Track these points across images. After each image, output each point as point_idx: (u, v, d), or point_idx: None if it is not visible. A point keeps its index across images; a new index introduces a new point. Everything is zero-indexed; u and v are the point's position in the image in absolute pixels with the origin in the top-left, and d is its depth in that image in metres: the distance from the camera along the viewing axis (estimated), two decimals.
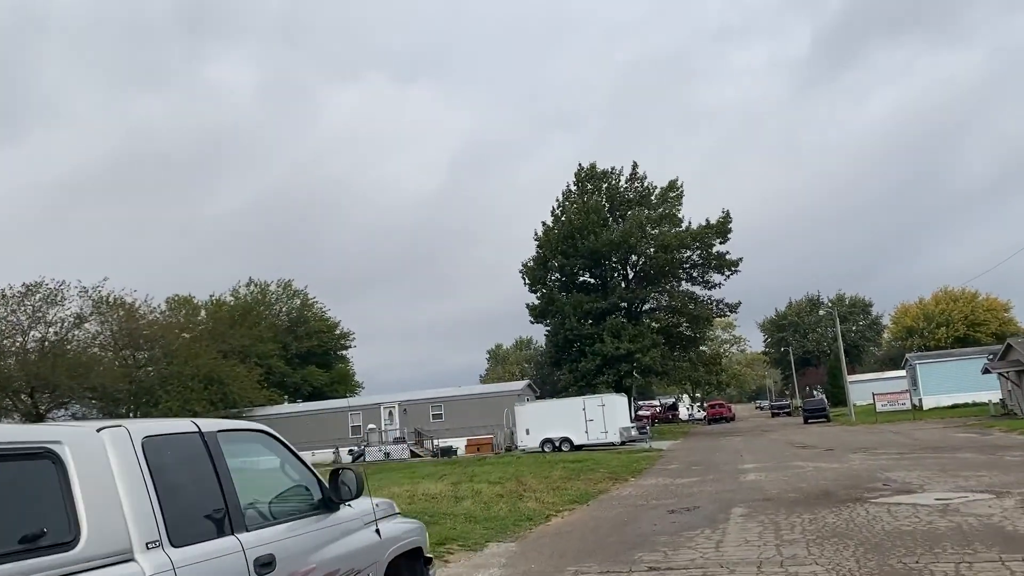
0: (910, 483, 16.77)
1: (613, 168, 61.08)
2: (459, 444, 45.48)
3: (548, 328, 59.45)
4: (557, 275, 59.92)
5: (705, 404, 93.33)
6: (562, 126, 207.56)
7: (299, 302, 65.37)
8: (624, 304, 58.50)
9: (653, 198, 60.49)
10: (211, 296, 60.69)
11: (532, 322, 61.18)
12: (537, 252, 60.04)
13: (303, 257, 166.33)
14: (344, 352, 69.43)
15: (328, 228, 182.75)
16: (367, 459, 45.44)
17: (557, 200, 61.13)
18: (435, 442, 45.42)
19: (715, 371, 60.25)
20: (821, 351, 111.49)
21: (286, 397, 53.40)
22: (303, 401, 57.72)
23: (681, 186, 60.37)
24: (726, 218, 58.43)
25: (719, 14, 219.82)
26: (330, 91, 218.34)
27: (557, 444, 39.95)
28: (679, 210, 59.49)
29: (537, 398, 53.07)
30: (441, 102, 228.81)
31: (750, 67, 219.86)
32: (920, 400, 54.95)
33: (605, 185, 60.91)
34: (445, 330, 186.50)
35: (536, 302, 60.45)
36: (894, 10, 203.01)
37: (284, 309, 64.34)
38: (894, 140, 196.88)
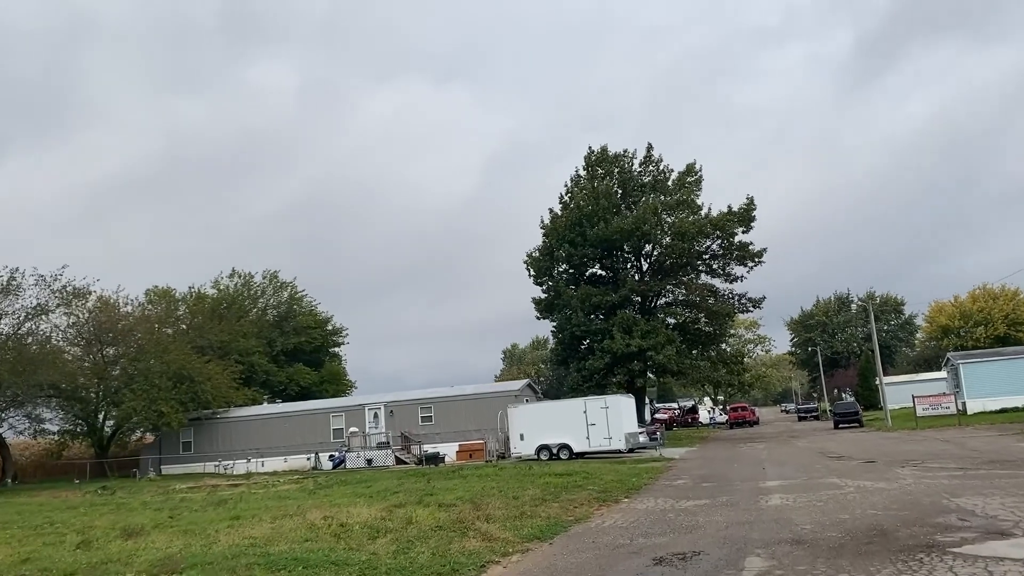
0: (997, 517, 12.09)
1: (626, 151, 56.38)
2: (449, 450, 41.03)
3: (555, 324, 54.85)
4: (564, 266, 55.23)
5: (727, 407, 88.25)
6: (596, 128, 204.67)
7: (287, 295, 61.08)
8: (637, 298, 53.74)
9: (669, 183, 55.65)
10: (191, 288, 56.66)
11: (538, 317, 56.60)
12: (543, 241, 55.40)
13: (331, 258, 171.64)
14: (336, 349, 65.03)
15: (357, 230, 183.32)
16: (347, 465, 41.18)
17: (566, 186, 56.53)
18: (422, 447, 41.00)
19: (737, 371, 55.15)
20: (850, 352, 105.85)
21: (266, 397, 49.23)
22: (291, 402, 53.43)
23: (699, 170, 55.58)
24: (749, 205, 53.49)
25: (760, 16, 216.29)
26: (366, 94, 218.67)
27: (555, 451, 35.37)
28: (698, 196, 54.64)
29: (539, 399, 48.51)
30: (477, 105, 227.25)
31: (788, 68, 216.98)
32: (964, 404, 49.72)
33: (617, 169, 56.16)
34: (472, 332, 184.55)
35: (542, 296, 55.92)
36: (935, 11, 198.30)
37: (271, 303, 59.95)
38: (930, 141, 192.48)
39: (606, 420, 34.80)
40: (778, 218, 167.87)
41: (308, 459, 43.00)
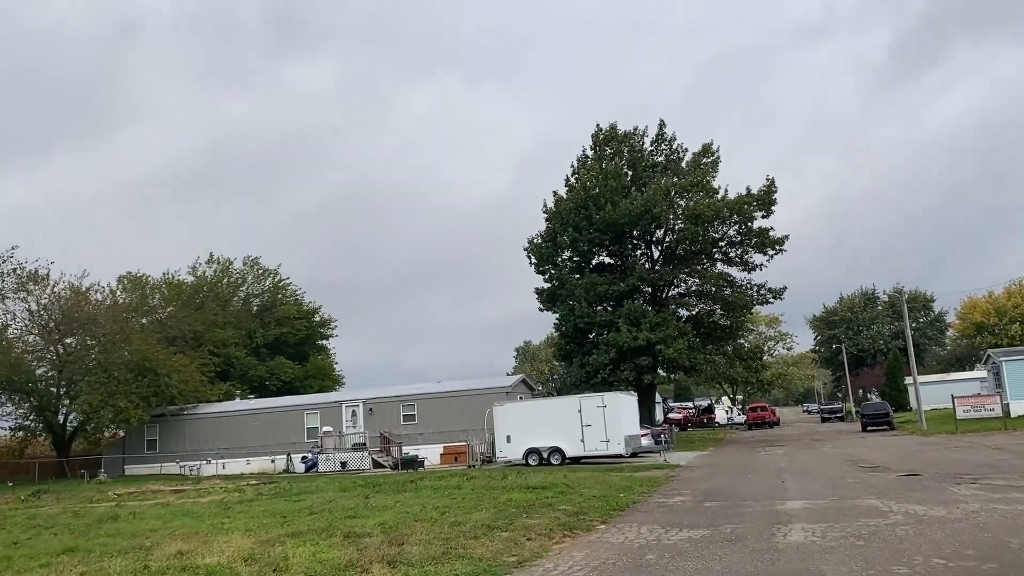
0: None
1: (636, 128, 52.00)
2: (433, 452, 36.96)
3: (557, 316, 50.59)
4: (569, 253, 50.91)
5: (746, 407, 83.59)
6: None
7: (270, 283, 56.94)
8: (647, 288, 49.35)
9: (683, 164, 51.26)
10: (164, 274, 52.56)
11: (541, 309, 52.30)
12: (547, 227, 51.12)
13: (363, 255, 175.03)
14: (324, 343, 60.85)
15: (389, 228, 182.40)
16: (320, 468, 37.19)
17: (572, 167, 52.24)
18: (402, 449, 36.92)
19: (755, 368, 50.54)
20: (876, 350, 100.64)
21: (238, 392, 45.23)
22: (272, 397, 49.38)
23: (717, 151, 51.09)
24: (770, 187, 48.95)
25: (798, 13, 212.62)
26: (404, 92, 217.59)
27: (545, 456, 31.13)
28: (714, 178, 50.14)
29: (537, 397, 44.27)
30: (509, 103, 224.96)
31: (822, 65, 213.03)
32: (1007, 405, 44.93)
33: (627, 148, 51.79)
34: (501, 329, 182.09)
35: (545, 286, 51.68)
36: (973, 9, 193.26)
37: (252, 291, 55.84)
38: (963, 139, 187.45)
39: (603, 421, 30.50)
40: (807, 217, 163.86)
41: (272, 461, 39.08)
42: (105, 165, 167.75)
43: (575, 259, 51.22)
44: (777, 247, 49.78)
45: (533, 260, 50.80)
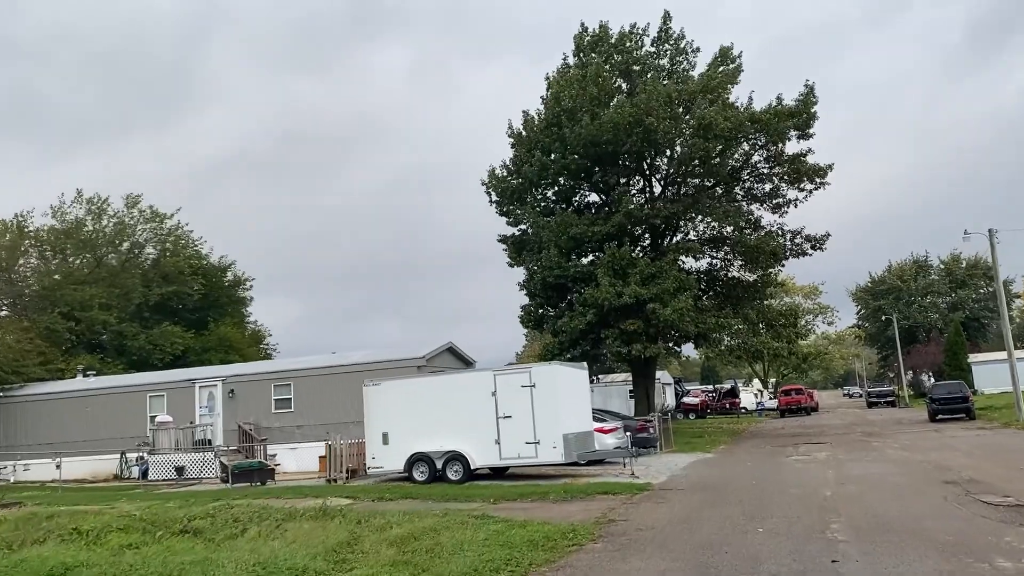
0: None
1: (635, 26, 39.45)
2: (311, 454, 25.38)
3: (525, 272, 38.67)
4: (544, 190, 38.88)
5: (779, 390, 71.04)
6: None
7: (153, 230, 44.03)
8: (640, 230, 37.37)
9: (694, 73, 38.80)
10: (16, 216, 40.44)
11: (511, 264, 40.17)
12: (513, 154, 39.08)
13: (419, 234, 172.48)
14: (247, 310, 48.83)
15: (445, 208, 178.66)
16: (151, 477, 25.82)
17: (547, 79, 39.89)
18: (266, 449, 25.39)
19: (788, 336, 37.98)
20: (930, 324, 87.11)
21: (93, 370, 33.68)
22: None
23: (739, 58, 38.39)
24: (808, 97, 36.34)
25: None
26: (471, 73, 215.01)
27: (439, 466, 19.35)
28: (729, 92, 37.44)
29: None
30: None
31: (894, 42, 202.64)
32: None
33: (620, 56, 39.37)
34: None
35: (515, 232, 39.71)
36: None
37: (139, 239, 43.59)
38: None
39: (531, 409, 18.59)
40: (867, 198, 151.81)
41: (111, 460, 27.79)
42: (180, 146, 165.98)
43: (551, 198, 39.20)
44: (818, 179, 37.39)
45: (492, 197, 38.78)
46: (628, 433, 23.17)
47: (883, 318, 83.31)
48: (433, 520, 12.37)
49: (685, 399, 60.43)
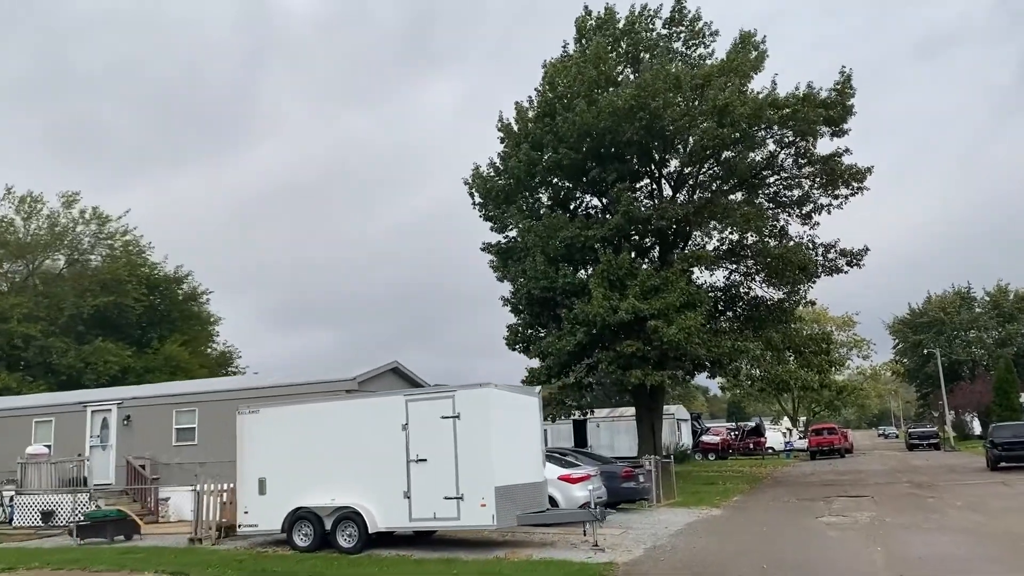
0: None
1: (646, 7, 34.13)
2: (211, 498, 19.93)
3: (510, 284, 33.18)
4: (527, 189, 33.38)
5: (808, 429, 64.61)
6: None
7: (94, 233, 38.88)
8: (649, 237, 31.93)
9: (711, 61, 33.40)
10: None
11: (499, 278, 34.64)
12: (503, 151, 33.84)
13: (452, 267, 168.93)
14: (212, 328, 43.27)
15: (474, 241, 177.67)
16: (15, 522, 20.61)
17: (543, 67, 34.66)
18: (157, 493, 20.11)
19: (819, 365, 32.13)
20: (975, 361, 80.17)
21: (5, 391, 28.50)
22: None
23: (763, 42, 32.94)
24: (844, 86, 30.79)
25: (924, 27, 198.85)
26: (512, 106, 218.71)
27: (329, 527, 13.89)
28: (750, 79, 31.87)
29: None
30: None
31: (941, 77, 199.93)
32: None
33: (627, 44, 34.12)
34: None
35: (501, 241, 34.32)
36: None
37: (79, 245, 38.20)
38: None
39: (453, 451, 13.10)
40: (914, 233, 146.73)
41: None
42: (229, 177, 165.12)
43: (545, 202, 33.82)
44: (855, 183, 31.80)
45: (475, 198, 33.52)
46: (610, 481, 17.60)
47: (923, 352, 76.62)
48: None
49: (704, 437, 54.32)
